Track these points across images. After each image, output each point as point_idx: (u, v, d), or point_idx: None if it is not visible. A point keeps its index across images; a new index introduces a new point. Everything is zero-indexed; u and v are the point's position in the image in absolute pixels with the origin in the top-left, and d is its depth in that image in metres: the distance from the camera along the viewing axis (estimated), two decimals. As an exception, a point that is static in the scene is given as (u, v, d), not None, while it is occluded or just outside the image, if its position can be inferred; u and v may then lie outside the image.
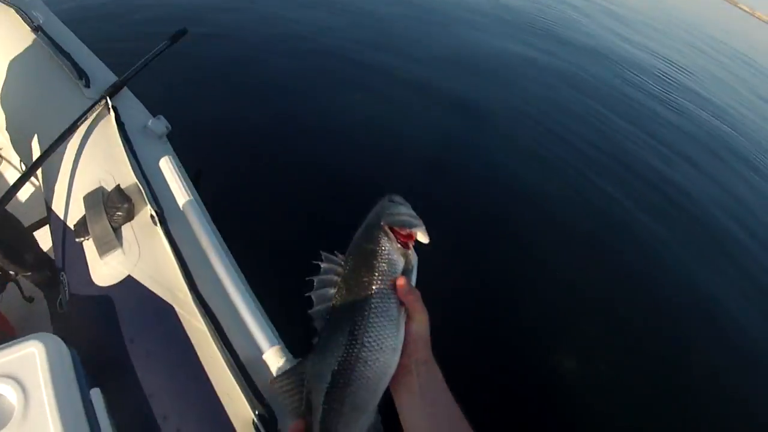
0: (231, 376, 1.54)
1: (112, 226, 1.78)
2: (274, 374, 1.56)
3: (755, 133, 9.29)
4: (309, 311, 0.93)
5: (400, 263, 0.96)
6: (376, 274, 0.93)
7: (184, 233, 1.77)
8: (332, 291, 0.93)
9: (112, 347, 1.63)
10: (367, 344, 0.88)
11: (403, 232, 0.98)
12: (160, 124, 2.11)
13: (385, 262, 0.95)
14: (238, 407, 1.51)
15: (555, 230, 4.24)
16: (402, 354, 0.91)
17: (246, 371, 1.60)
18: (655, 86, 9.29)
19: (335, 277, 0.94)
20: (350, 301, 0.91)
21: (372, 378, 0.88)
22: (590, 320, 3.60)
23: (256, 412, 1.46)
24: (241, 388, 1.52)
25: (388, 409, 0.92)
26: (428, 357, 0.93)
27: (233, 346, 1.64)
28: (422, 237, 1.00)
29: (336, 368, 0.88)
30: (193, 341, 1.64)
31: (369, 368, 0.88)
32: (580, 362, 3.24)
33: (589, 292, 3.81)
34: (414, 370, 0.91)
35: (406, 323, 0.93)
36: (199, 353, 1.62)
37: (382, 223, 0.98)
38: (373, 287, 0.92)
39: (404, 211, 1.01)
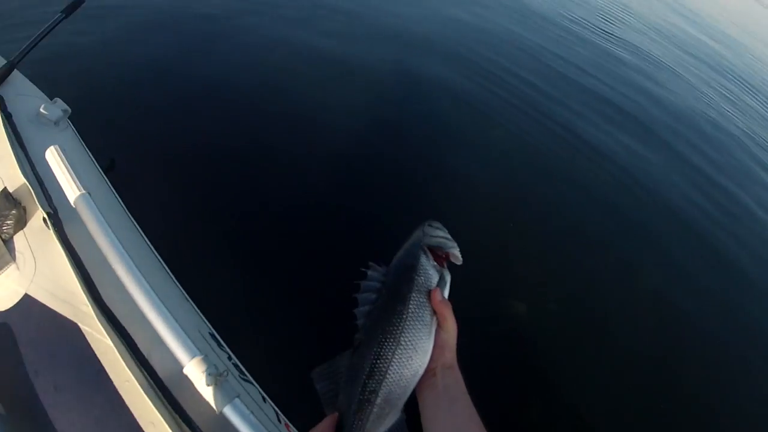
0: (151, 402, 1.26)
1: (1, 238, 1.49)
2: (198, 389, 1.27)
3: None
4: (354, 310, 1.04)
5: (435, 278, 1.09)
6: (415, 285, 1.06)
7: (80, 235, 1.46)
8: (374, 296, 1.06)
9: (17, 385, 1.37)
10: (403, 344, 1.00)
11: (440, 253, 1.14)
12: (55, 109, 1.78)
13: (422, 276, 1.08)
14: (165, 437, 1.25)
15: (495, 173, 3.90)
16: (430, 358, 1.01)
17: (168, 392, 1.32)
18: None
19: (378, 284, 1.07)
20: (390, 306, 1.03)
21: (405, 375, 0.99)
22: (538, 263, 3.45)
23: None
24: (163, 415, 1.26)
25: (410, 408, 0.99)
26: (453, 363, 1.03)
27: (150, 363, 1.35)
28: (456, 258, 1.14)
29: (374, 362, 0.98)
30: (105, 364, 1.37)
31: (403, 366, 0.99)
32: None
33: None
34: (439, 373, 1.00)
35: (436, 331, 1.04)
36: (113, 378, 1.36)
37: (422, 244, 1.12)
38: (411, 295, 1.04)
39: (441, 234, 1.15)
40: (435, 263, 1.12)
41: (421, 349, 1.01)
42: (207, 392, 1.23)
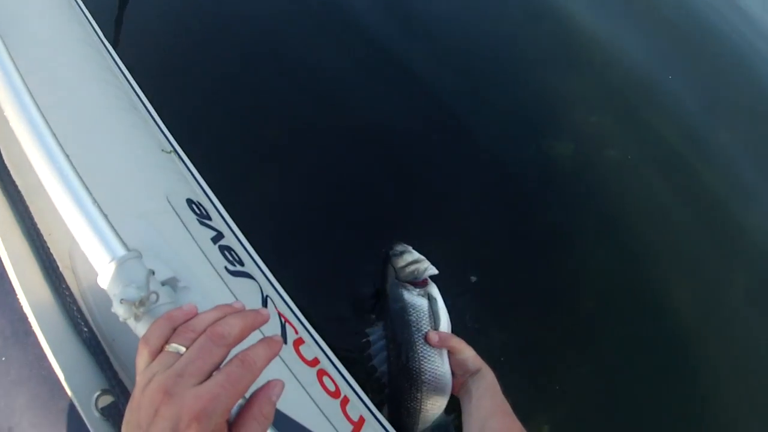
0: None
1: None
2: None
3: None
4: (374, 375, 1.25)
5: (425, 304, 1.24)
6: (412, 326, 1.21)
7: None
8: (384, 352, 1.26)
9: None
10: (426, 382, 1.20)
11: (418, 282, 1.28)
12: None
13: (413, 313, 1.23)
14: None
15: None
16: (455, 375, 1.24)
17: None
18: None
19: (383, 341, 1.26)
20: (402, 356, 1.21)
21: (437, 403, 1.23)
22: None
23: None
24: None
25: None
26: (478, 367, 1.21)
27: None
28: (432, 273, 1.30)
29: (409, 405, 1.22)
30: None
31: (432, 397, 1.21)
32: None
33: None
34: (469, 382, 1.18)
35: (451, 355, 1.23)
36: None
37: (398, 283, 1.27)
38: (413, 338, 1.20)
39: (409, 259, 1.30)
40: (418, 289, 1.27)
41: (442, 377, 1.21)
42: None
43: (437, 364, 1.20)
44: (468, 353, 1.22)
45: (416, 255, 1.32)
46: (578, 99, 2.65)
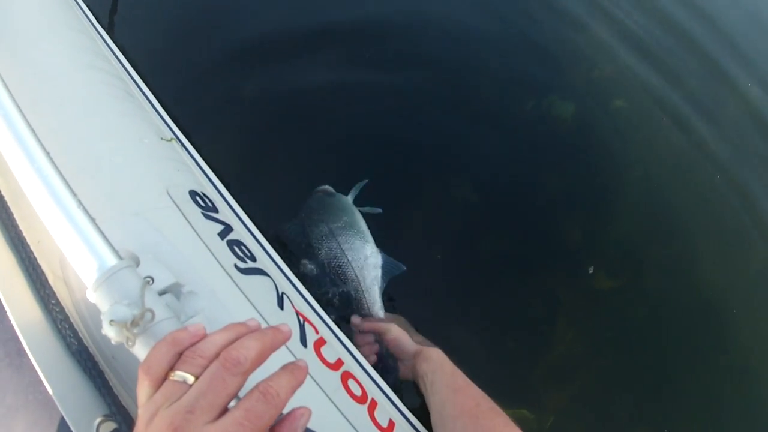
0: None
1: None
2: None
3: None
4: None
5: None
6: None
7: None
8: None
9: None
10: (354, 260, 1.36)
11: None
12: None
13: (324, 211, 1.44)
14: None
15: None
16: (399, 360, 1.22)
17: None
18: None
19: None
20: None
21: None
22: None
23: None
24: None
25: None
26: (418, 348, 1.18)
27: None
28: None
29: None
30: None
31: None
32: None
33: None
34: (417, 367, 1.12)
35: (384, 336, 1.24)
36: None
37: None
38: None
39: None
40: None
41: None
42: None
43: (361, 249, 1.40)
44: (392, 334, 1.22)
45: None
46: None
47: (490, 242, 1.77)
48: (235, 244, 0.96)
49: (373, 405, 0.93)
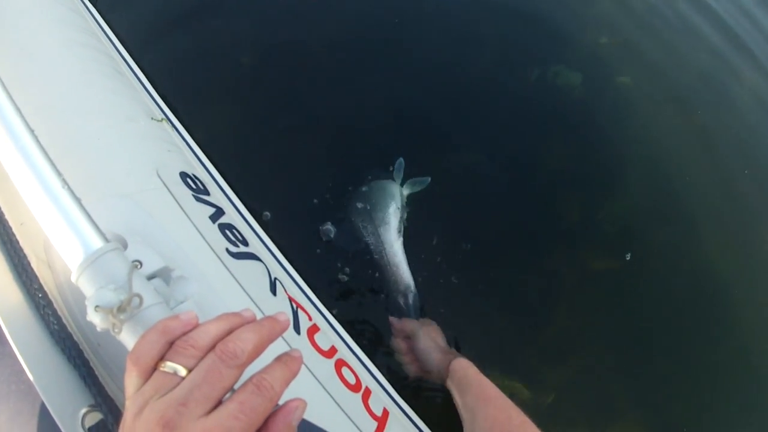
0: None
1: None
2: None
3: None
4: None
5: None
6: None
7: None
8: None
9: None
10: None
11: None
12: None
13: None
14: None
15: None
16: (427, 370, 1.20)
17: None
18: None
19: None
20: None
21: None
22: None
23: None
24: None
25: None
26: (446, 358, 1.17)
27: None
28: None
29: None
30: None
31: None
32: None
33: None
34: (447, 376, 1.12)
35: (414, 342, 1.24)
36: None
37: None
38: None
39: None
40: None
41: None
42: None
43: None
44: (425, 340, 1.24)
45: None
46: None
47: (489, 217, 1.74)
48: (226, 228, 0.93)
49: (367, 393, 0.91)
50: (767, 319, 1.84)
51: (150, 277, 0.68)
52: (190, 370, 0.46)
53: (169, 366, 0.46)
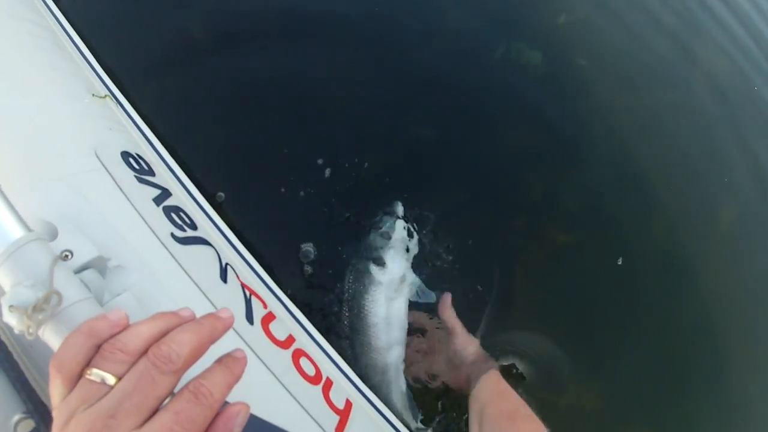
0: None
1: None
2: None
3: None
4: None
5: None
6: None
7: None
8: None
9: None
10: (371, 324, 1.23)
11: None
12: None
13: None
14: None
15: None
16: (455, 366, 1.22)
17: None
18: None
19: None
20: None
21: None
22: None
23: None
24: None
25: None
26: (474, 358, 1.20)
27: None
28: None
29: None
30: None
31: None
32: None
33: None
34: (472, 378, 1.12)
35: (452, 338, 1.24)
36: None
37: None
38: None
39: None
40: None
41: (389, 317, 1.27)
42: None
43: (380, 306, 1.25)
44: (461, 339, 1.23)
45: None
46: None
47: (451, 192, 1.71)
48: (172, 211, 0.87)
49: (328, 385, 0.87)
50: (724, 289, 1.88)
51: (81, 269, 0.62)
52: (119, 378, 0.42)
53: (95, 374, 0.42)
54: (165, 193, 0.89)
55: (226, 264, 0.87)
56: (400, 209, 1.44)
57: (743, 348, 1.81)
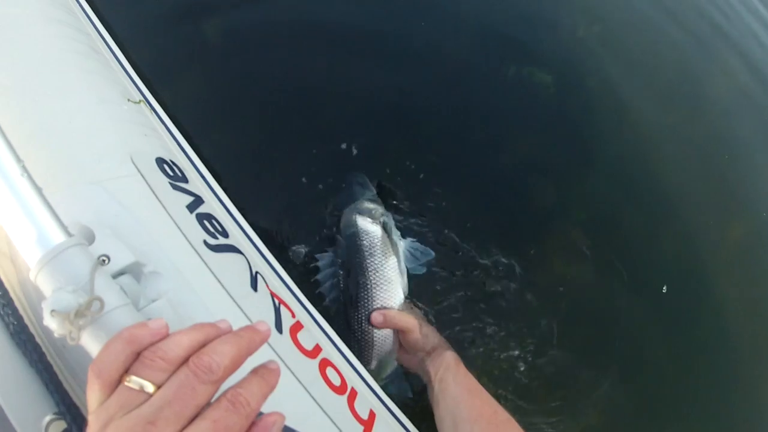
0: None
1: None
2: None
3: None
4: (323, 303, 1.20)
5: (378, 231, 1.24)
6: (365, 252, 1.20)
7: None
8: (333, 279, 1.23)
9: None
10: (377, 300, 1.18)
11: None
12: None
13: (366, 238, 1.22)
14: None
15: None
16: (408, 352, 1.19)
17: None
18: None
19: (332, 268, 1.23)
20: (352, 285, 1.19)
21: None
22: None
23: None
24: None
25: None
26: (433, 346, 1.14)
27: None
28: (386, 222, 1.29)
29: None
30: None
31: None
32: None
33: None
34: (426, 362, 1.11)
35: (400, 334, 1.18)
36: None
37: (352, 208, 1.27)
38: (366, 264, 1.19)
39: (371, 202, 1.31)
40: (371, 219, 1.25)
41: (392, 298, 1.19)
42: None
43: (389, 294, 1.19)
44: (416, 335, 1.15)
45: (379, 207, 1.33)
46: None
47: (462, 205, 1.70)
48: (205, 218, 0.87)
49: (353, 395, 0.87)
50: (743, 297, 1.86)
51: (119, 274, 0.63)
52: (158, 386, 0.42)
53: (134, 381, 0.42)
54: (198, 200, 0.90)
55: (256, 272, 0.88)
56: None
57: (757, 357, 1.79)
